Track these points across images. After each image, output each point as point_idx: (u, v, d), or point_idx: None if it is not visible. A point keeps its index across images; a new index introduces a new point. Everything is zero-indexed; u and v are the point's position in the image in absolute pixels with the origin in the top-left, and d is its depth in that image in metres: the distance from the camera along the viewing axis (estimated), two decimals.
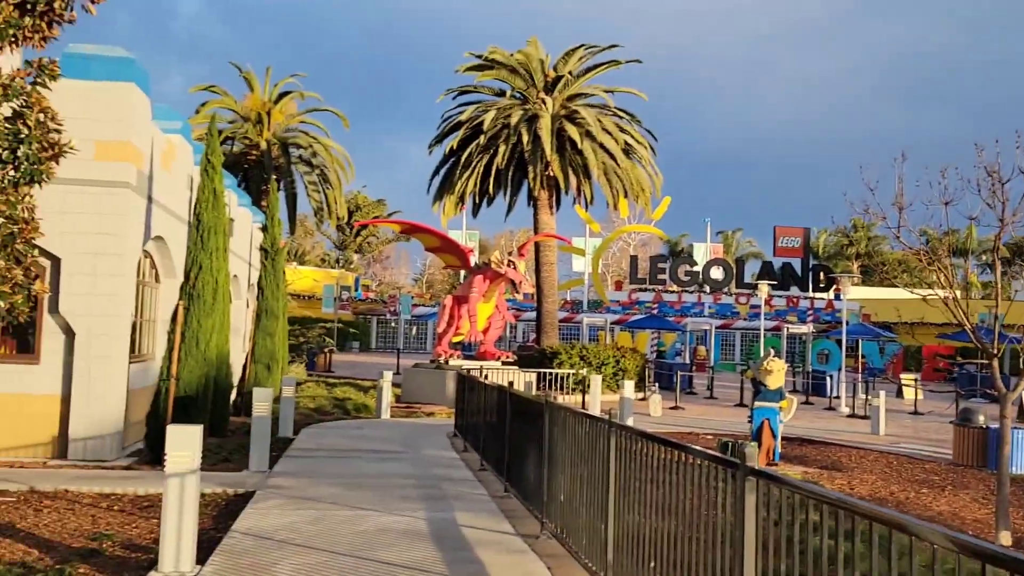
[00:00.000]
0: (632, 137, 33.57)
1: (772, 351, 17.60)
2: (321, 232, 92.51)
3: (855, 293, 57.63)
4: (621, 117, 34.32)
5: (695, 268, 58.28)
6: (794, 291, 57.69)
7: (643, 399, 27.04)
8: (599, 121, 32.28)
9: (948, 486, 15.72)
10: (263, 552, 7.79)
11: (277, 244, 22.80)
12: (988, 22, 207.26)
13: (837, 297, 57.68)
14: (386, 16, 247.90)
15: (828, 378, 33.16)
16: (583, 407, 22.25)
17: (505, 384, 11.77)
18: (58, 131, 9.42)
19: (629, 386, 20.71)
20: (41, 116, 9.18)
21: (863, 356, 45.29)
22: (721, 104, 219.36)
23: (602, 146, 32.27)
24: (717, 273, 57.30)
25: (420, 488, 11.36)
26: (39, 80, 9.64)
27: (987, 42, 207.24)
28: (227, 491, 10.88)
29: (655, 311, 55.74)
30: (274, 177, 42.23)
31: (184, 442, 7.23)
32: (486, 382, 13.45)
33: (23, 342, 13.62)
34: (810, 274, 56.71)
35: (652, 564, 5.63)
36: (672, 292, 59.04)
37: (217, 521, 9.40)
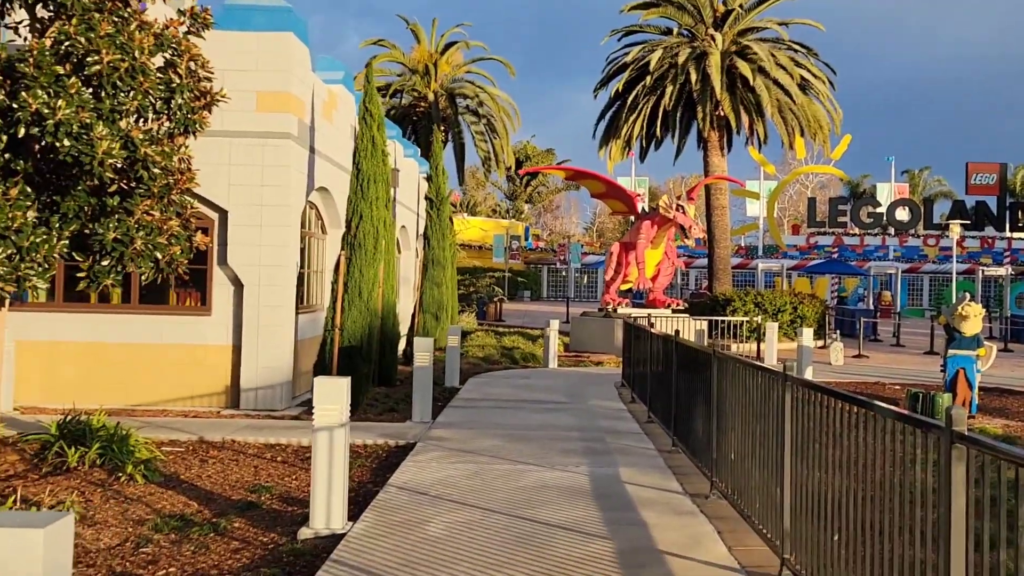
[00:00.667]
0: (808, 71, 31.73)
1: (967, 295, 16.15)
2: (492, 183, 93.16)
3: None
4: (796, 51, 32.47)
5: (879, 209, 55.15)
6: (989, 231, 53.87)
7: (823, 347, 25.72)
8: (772, 56, 30.63)
9: None
10: (416, 508, 7.51)
11: (442, 193, 22.72)
12: None
13: None
14: None
15: None
16: (758, 356, 21.28)
17: (671, 333, 11.10)
18: (209, 79, 9.34)
19: (808, 334, 19.55)
20: (192, 65, 9.10)
21: None
22: (905, 33, 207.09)
23: (776, 82, 30.64)
24: (903, 214, 54.04)
25: (584, 441, 10.90)
26: (192, 29, 9.57)
27: None
28: (388, 443, 10.74)
29: (835, 255, 53.30)
30: (441, 128, 42.45)
31: (332, 395, 6.98)
32: (652, 331, 12.81)
33: (200, 294, 13.93)
34: (1007, 213, 52.67)
35: (836, 537, 4.94)
36: (853, 235, 56.27)
37: (376, 474, 9.23)
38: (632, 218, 28.24)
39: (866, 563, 4.62)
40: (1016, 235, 54.08)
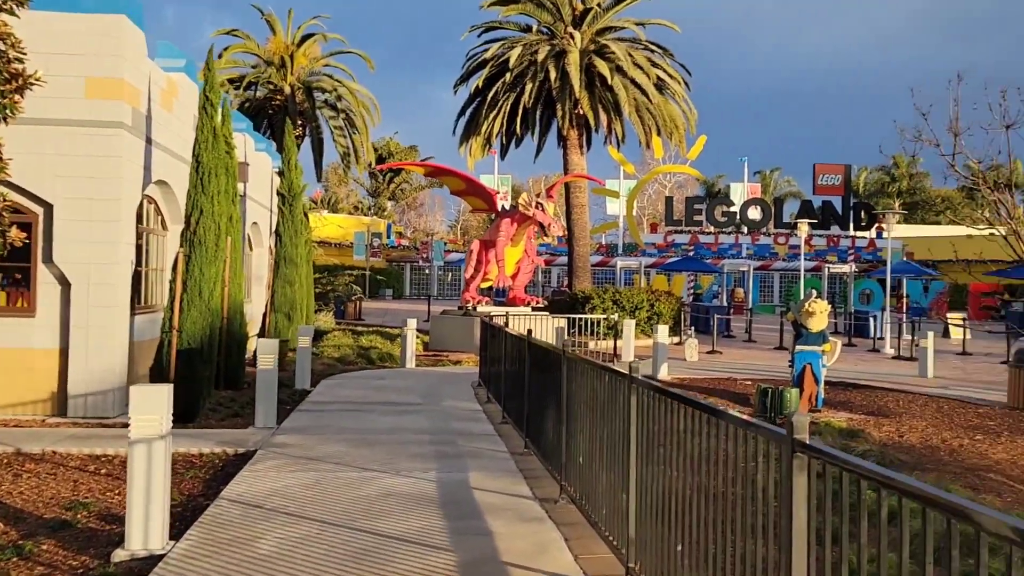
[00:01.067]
0: (664, 72, 32.21)
1: (814, 292, 16.53)
2: (355, 180, 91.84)
3: (897, 231, 55.87)
4: (653, 51, 32.93)
5: (732, 208, 56.83)
6: (834, 230, 56.10)
7: (679, 343, 26.12)
8: (630, 55, 30.95)
9: (1004, 432, 14.69)
10: (248, 524, 6.99)
11: (295, 188, 21.95)
12: None
13: (879, 236, 56.04)
14: None
15: (871, 319, 31.94)
16: (615, 353, 21.36)
17: (525, 332, 10.86)
18: (21, 60, 8.54)
19: (663, 330, 19.75)
20: (1, 45, 8.30)
21: (906, 295, 43.87)
22: (759, 39, 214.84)
23: (633, 81, 30.97)
24: (755, 213, 55.82)
25: (435, 444, 10.54)
26: (6, 7, 8.77)
27: None
28: (226, 451, 10.11)
29: (691, 253, 54.52)
30: (299, 122, 41.35)
31: (151, 404, 6.40)
32: (507, 330, 12.55)
33: (24, 294, 12.92)
34: (851, 212, 55.00)
35: (679, 547, 4.72)
36: (709, 233, 57.72)
37: (209, 486, 8.62)
38: (492, 215, 28.07)
39: (710, 570, 4.41)
40: (859, 234, 56.54)
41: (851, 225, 55.18)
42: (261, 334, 20.94)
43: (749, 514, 3.92)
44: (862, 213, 55.25)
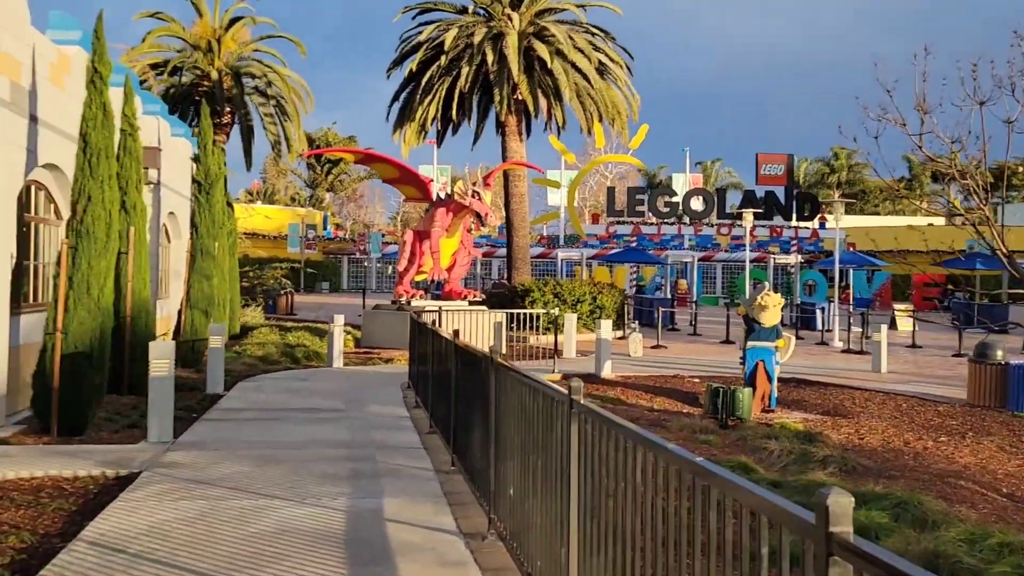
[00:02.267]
0: (606, 55, 31.09)
1: (766, 284, 15.52)
2: (293, 172, 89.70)
3: (841, 222, 55.41)
4: (594, 34, 31.78)
5: (675, 199, 56.04)
6: (777, 220, 55.56)
7: (622, 338, 25.08)
8: (570, 38, 29.77)
9: (969, 432, 13.83)
10: None
11: (212, 176, 20.38)
12: None
13: (822, 226, 55.66)
14: None
15: (818, 311, 31.21)
16: (556, 348, 20.20)
17: (452, 332, 9.59)
18: None
19: (606, 325, 18.65)
20: None
21: (851, 286, 43.38)
22: (700, 29, 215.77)
23: (574, 65, 29.80)
24: (697, 204, 55.05)
25: (351, 460, 9.24)
26: None
27: None
28: (106, 473, 8.70)
29: (634, 244, 53.67)
30: (228, 109, 39.57)
31: None
32: (432, 328, 11.27)
33: None
34: (794, 203, 54.48)
35: None
36: (651, 224, 56.96)
37: (72, 521, 7.20)
38: (427, 205, 26.74)
39: None
40: (802, 224, 56.11)
41: (794, 215, 54.66)
42: (177, 333, 19.44)
43: None
44: (805, 204, 54.73)
